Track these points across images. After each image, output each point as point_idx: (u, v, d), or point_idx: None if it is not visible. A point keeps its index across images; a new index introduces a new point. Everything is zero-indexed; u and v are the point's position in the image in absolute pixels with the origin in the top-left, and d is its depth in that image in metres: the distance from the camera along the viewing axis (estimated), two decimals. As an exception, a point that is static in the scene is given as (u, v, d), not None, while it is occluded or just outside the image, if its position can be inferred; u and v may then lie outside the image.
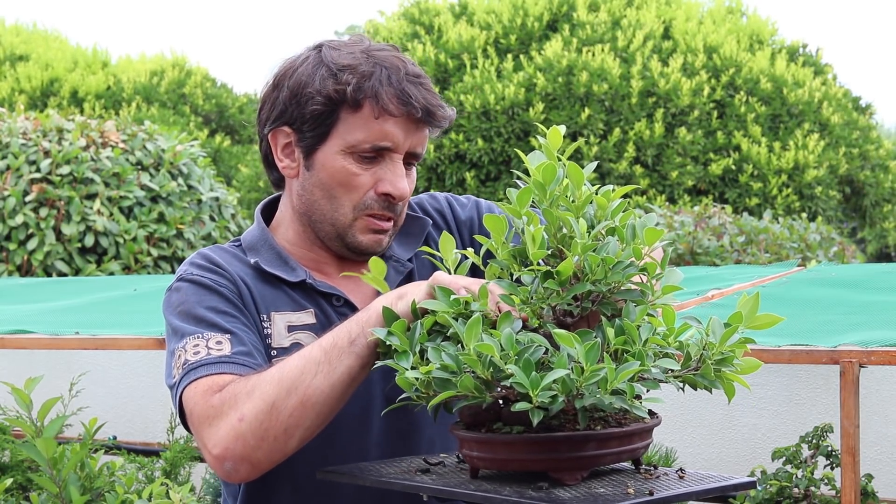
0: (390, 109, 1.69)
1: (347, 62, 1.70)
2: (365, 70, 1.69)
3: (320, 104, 1.70)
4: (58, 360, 5.72)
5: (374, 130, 1.69)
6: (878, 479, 3.81)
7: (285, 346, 1.72)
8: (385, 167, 1.72)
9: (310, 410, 1.52)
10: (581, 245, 1.33)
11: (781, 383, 4.34)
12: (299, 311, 1.75)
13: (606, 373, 1.25)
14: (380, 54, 1.72)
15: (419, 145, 1.74)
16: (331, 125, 1.71)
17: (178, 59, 20.58)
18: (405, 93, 1.69)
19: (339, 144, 1.71)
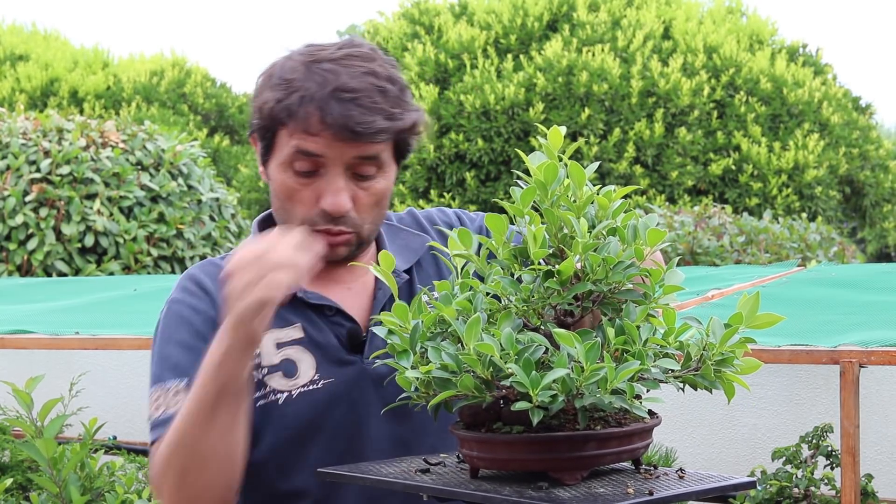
0: (308, 128, 1.67)
1: (287, 76, 1.70)
2: (295, 86, 1.68)
3: (260, 118, 1.73)
4: (58, 360, 5.72)
5: (300, 147, 1.69)
6: (878, 479, 3.81)
7: (275, 363, 1.75)
8: (322, 182, 1.71)
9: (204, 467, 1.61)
10: (582, 244, 1.33)
11: (781, 383, 4.34)
12: (286, 326, 1.77)
13: (606, 372, 1.25)
14: (324, 66, 1.69)
15: (362, 151, 1.70)
16: (272, 139, 1.73)
17: (177, 59, 20.59)
18: (324, 110, 1.66)
19: (279, 158, 1.71)
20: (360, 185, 1.73)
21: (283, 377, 1.74)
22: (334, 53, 1.70)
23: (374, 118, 1.67)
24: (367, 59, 1.71)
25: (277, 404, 1.74)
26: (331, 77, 1.67)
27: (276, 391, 1.74)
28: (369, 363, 1.75)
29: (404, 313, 1.40)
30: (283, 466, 1.76)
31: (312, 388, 1.74)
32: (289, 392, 1.74)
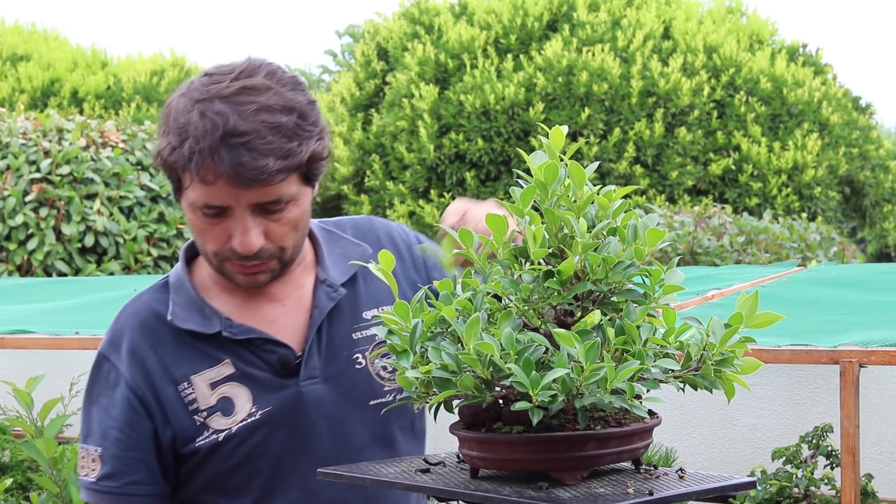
0: (204, 178, 1.64)
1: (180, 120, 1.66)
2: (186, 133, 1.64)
3: (161, 163, 1.71)
4: (58, 360, 5.72)
5: (200, 193, 1.66)
6: (878, 479, 3.81)
7: (212, 404, 1.76)
8: (231, 222, 1.69)
9: None
10: (581, 244, 1.33)
11: (781, 383, 4.34)
12: (216, 364, 1.77)
13: (606, 372, 1.25)
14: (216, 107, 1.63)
15: (265, 196, 1.66)
16: (177, 181, 1.70)
17: (177, 59, 20.58)
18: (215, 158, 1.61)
19: (187, 199, 1.70)
20: (270, 219, 1.70)
21: (222, 416, 1.76)
22: (227, 88, 1.65)
23: (266, 162, 1.62)
24: (261, 90, 1.65)
25: (218, 442, 1.76)
26: (220, 120, 1.62)
27: (217, 431, 1.76)
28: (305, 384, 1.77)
29: (405, 312, 1.40)
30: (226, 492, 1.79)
31: (251, 421, 1.76)
32: (229, 429, 1.76)
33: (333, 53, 26.91)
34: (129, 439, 1.76)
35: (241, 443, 1.76)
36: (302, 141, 1.67)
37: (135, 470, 1.76)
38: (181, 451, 1.78)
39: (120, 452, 1.76)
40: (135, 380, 1.77)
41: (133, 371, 1.77)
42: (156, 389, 1.77)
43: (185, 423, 1.76)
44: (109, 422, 1.77)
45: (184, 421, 1.76)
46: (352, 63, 18.59)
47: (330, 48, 30.77)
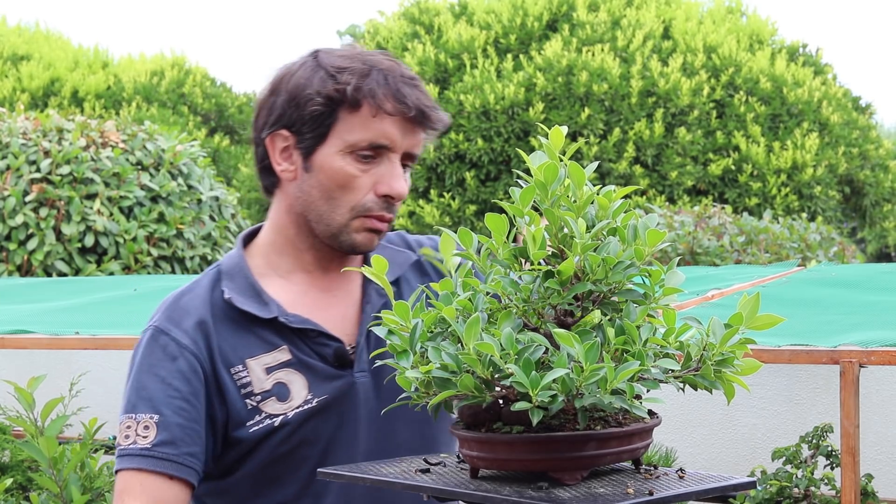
0: (387, 108, 1.70)
1: (344, 64, 1.73)
2: (362, 71, 1.72)
3: (320, 104, 1.71)
4: (58, 360, 5.72)
5: (372, 129, 1.71)
6: (878, 479, 3.81)
7: (267, 389, 1.75)
8: (383, 167, 1.74)
9: None
10: (581, 245, 1.33)
11: (781, 383, 4.35)
12: (273, 350, 1.77)
13: (606, 372, 1.25)
14: (374, 58, 1.75)
15: (416, 146, 1.76)
16: (330, 125, 1.73)
17: (177, 59, 20.59)
18: (400, 93, 1.71)
19: (338, 145, 1.72)
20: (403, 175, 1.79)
21: (277, 401, 1.75)
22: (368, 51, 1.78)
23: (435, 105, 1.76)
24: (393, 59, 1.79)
25: (273, 427, 1.75)
26: (390, 64, 1.75)
27: (272, 415, 1.75)
28: (358, 376, 1.78)
29: (405, 313, 1.40)
30: (273, 479, 1.78)
31: (307, 408, 1.76)
32: (284, 414, 1.75)
33: (333, 53, 26.85)
34: (191, 410, 1.73)
35: (296, 429, 1.75)
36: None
37: (193, 442, 1.72)
38: (231, 434, 1.76)
39: (182, 421, 1.72)
40: (198, 355, 1.76)
41: (198, 346, 1.76)
42: (215, 368, 1.76)
43: (237, 405, 1.75)
44: (170, 391, 1.73)
45: (236, 402, 1.75)
46: (352, 63, 18.55)
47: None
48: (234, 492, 1.81)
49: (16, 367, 5.68)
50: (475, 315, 1.30)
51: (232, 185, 16.87)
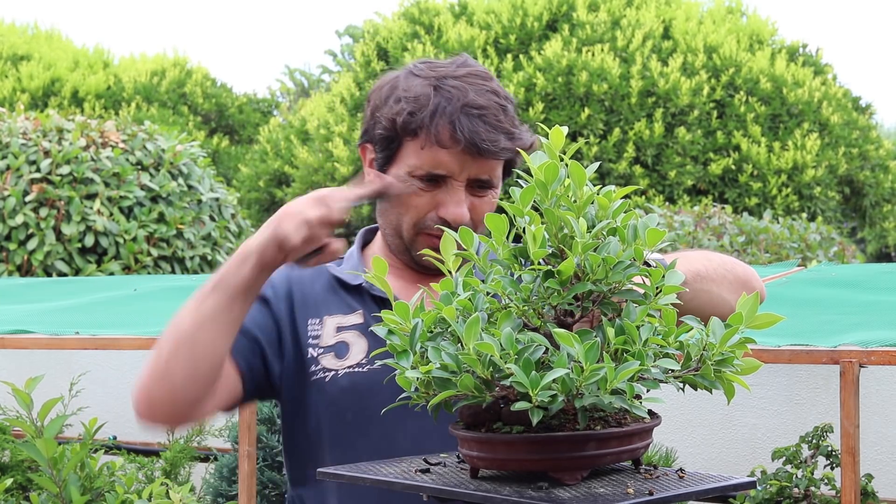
0: (439, 141, 1.76)
1: (414, 92, 1.79)
2: (424, 101, 1.78)
3: (384, 129, 1.81)
4: (58, 360, 5.72)
5: (427, 158, 1.78)
6: (878, 479, 3.81)
7: (330, 344, 1.85)
8: (445, 192, 1.80)
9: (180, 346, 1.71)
10: (581, 244, 1.33)
11: (781, 383, 4.35)
12: (349, 313, 1.87)
13: (606, 372, 1.25)
14: (451, 83, 1.79)
15: (482, 173, 1.80)
16: (395, 149, 1.82)
17: (178, 59, 20.59)
18: (454, 125, 1.75)
19: (402, 168, 1.81)
20: (475, 196, 1.82)
21: (334, 357, 1.84)
22: (457, 71, 1.81)
23: (498, 136, 1.77)
24: (487, 77, 1.82)
25: (325, 381, 1.83)
26: (458, 94, 1.77)
27: (325, 369, 1.84)
28: None
29: (405, 312, 1.40)
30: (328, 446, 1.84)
31: (357, 370, 1.82)
32: (335, 371, 1.83)
33: (333, 53, 26.91)
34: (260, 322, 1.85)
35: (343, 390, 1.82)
36: (521, 130, 1.82)
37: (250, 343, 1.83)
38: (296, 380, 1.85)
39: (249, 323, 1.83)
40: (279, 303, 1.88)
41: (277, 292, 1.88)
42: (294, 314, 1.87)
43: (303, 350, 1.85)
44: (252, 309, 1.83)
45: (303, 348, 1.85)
46: (352, 63, 18.59)
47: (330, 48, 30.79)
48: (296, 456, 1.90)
49: (16, 367, 5.68)
50: (475, 315, 1.30)
51: (232, 186, 16.89)
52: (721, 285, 1.75)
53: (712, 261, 1.77)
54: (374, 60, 15.78)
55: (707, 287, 1.71)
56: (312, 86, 26.70)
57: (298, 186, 15.44)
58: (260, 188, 16.56)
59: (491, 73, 1.84)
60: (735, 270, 1.80)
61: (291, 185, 15.82)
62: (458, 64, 1.83)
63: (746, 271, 1.83)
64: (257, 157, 17.23)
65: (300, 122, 16.96)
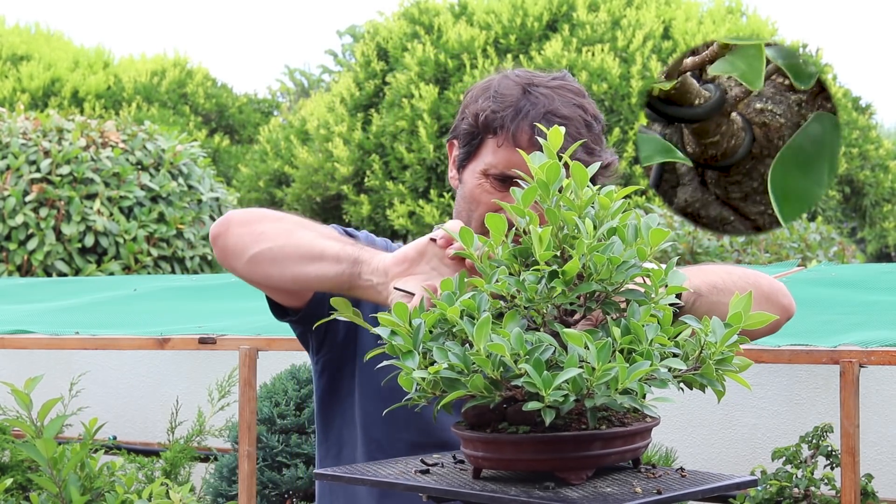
0: (517, 141, 1.78)
1: (504, 91, 1.81)
2: (511, 101, 1.80)
3: (469, 124, 1.84)
4: (58, 360, 5.72)
5: (503, 158, 1.80)
6: (878, 479, 3.81)
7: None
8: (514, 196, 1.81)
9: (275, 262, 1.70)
10: (587, 245, 1.33)
11: (781, 383, 4.35)
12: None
13: (618, 372, 1.25)
14: (540, 90, 1.80)
15: None
16: (477, 145, 1.84)
17: (179, 59, 20.59)
18: (535, 129, 1.76)
19: (479, 165, 1.83)
20: None
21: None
22: (550, 82, 1.83)
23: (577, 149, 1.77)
24: (578, 93, 1.84)
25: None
26: (545, 100, 1.79)
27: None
28: None
29: (404, 313, 1.40)
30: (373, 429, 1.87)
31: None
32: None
33: (333, 53, 26.91)
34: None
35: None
36: (602, 148, 1.82)
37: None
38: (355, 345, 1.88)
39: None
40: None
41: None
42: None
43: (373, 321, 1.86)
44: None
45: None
46: (352, 63, 18.60)
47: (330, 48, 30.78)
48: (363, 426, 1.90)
49: (16, 367, 5.68)
50: (485, 315, 1.30)
51: (232, 185, 16.88)
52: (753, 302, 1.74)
53: (732, 274, 1.76)
54: (375, 60, 15.78)
55: (725, 300, 1.70)
56: (312, 86, 26.70)
57: (298, 186, 15.45)
58: (260, 188, 16.56)
59: (585, 91, 1.85)
60: (759, 284, 1.78)
61: (291, 185, 15.83)
62: (555, 76, 1.85)
63: (773, 285, 1.82)
64: (257, 157, 17.23)
65: (300, 122, 16.96)
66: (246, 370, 3.79)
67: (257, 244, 1.70)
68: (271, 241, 1.69)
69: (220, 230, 1.74)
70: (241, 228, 1.73)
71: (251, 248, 1.70)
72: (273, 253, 1.69)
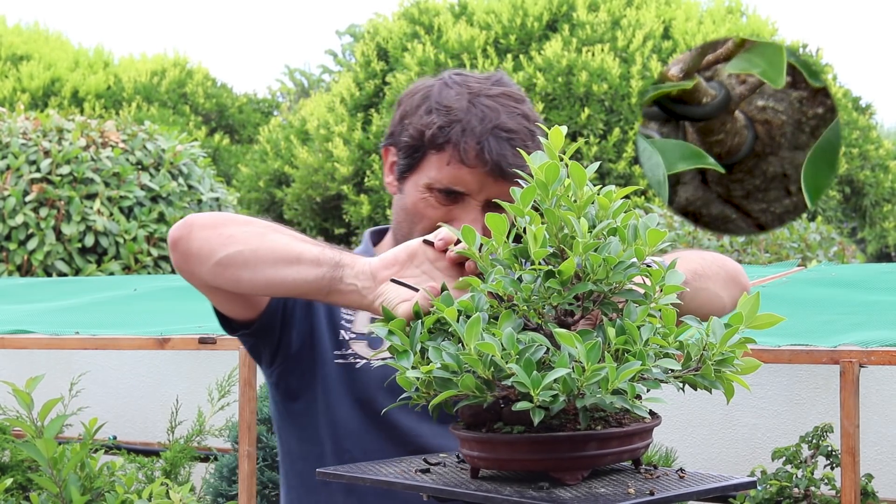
0: (465, 159, 1.76)
1: (448, 103, 1.79)
2: (455, 116, 1.77)
3: (410, 138, 1.81)
4: (58, 360, 5.72)
5: (448, 174, 1.78)
6: (878, 479, 3.81)
7: (363, 332, 1.84)
8: (460, 209, 1.80)
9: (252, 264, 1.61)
10: (583, 244, 1.33)
11: (781, 383, 4.35)
12: None
13: (608, 372, 1.25)
14: (483, 101, 1.78)
15: (502, 195, 1.76)
16: (419, 159, 1.81)
17: (179, 59, 20.60)
18: (482, 146, 1.75)
19: (422, 179, 1.80)
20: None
21: (367, 346, 1.83)
22: (491, 89, 1.81)
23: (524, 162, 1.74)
24: (519, 100, 1.84)
25: (355, 367, 1.82)
26: (491, 114, 1.77)
27: (356, 355, 1.83)
28: None
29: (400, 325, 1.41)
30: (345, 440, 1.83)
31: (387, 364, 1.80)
32: (368, 361, 1.82)
33: (333, 53, 26.91)
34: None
35: (373, 380, 1.80)
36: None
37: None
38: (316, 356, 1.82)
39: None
40: None
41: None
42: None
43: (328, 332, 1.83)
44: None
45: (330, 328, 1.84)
46: (352, 63, 18.60)
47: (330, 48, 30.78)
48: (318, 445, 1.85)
49: (16, 367, 5.68)
50: (476, 315, 1.30)
51: (232, 185, 16.88)
52: (717, 283, 1.76)
53: (706, 259, 1.77)
54: (375, 60, 15.78)
55: (705, 285, 1.71)
56: (312, 86, 26.70)
57: (298, 186, 15.45)
58: (260, 188, 16.55)
59: (524, 95, 1.85)
60: (726, 267, 1.81)
61: (291, 185, 15.83)
62: (493, 81, 1.83)
63: (735, 267, 1.85)
64: (257, 157, 17.23)
65: (300, 122, 16.96)
66: (246, 370, 3.79)
67: (226, 247, 1.62)
68: (242, 244, 1.62)
69: (182, 233, 1.65)
70: (206, 231, 1.65)
71: (219, 251, 1.62)
72: (244, 256, 1.61)
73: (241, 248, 1.61)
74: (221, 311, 1.82)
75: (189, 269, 1.67)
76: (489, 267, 1.42)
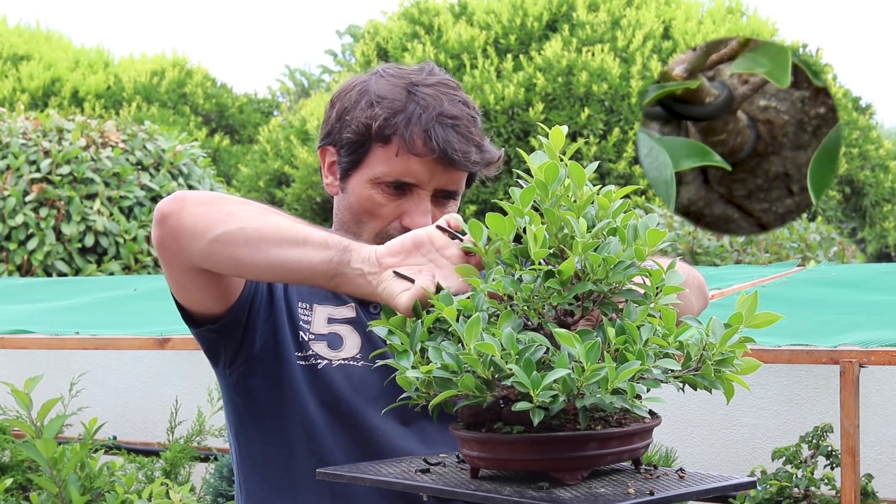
0: (412, 148, 1.74)
1: (388, 94, 1.76)
2: (398, 106, 1.75)
3: (354, 133, 1.77)
4: (58, 360, 5.72)
5: (397, 166, 1.75)
6: (878, 479, 3.81)
7: (322, 333, 1.82)
8: (410, 201, 1.78)
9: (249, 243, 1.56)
10: (582, 244, 1.33)
11: (781, 383, 4.34)
12: (340, 305, 1.84)
13: (607, 372, 1.25)
14: (423, 90, 1.76)
15: (450, 184, 1.78)
16: (363, 154, 1.78)
17: (178, 59, 20.60)
18: (429, 134, 1.73)
19: (368, 174, 1.78)
20: (438, 208, 1.80)
21: (327, 347, 1.81)
22: (427, 79, 1.78)
23: (470, 148, 1.75)
24: (456, 88, 1.81)
25: (317, 368, 1.79)
26: (433, 102, 1.75)
27: (318, 356, 1.80)
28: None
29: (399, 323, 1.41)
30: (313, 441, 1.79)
31: (352, 364, 1.80)
32: (329, 361, 1.80)
33: (333, 53, 26.91)
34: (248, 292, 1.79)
35: (335, 380, 1.79)
36: (487, 143, 1.80)
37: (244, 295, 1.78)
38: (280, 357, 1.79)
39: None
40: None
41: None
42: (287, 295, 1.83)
43: (290, 333, 1.81)
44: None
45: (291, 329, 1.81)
46: (352, 63, 18.60)
47: (330, 48, 30.78)
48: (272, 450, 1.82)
49: (16, 367, 5.68)
50: (476, 315, 1.30)
51: (232, 186, 16.88)
52: (692, 290, 1.77)
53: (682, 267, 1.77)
54: (375, 60, 15.77)
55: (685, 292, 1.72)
56: (312, 86, 26.70)
57: (298, 186, 15.45)
58: (260, 188, 16.55)
59: (458, 83, 1.83)
60: (697, 277, 1.82)
61: (291, 185, 15.83)
62: (427, 71, 1.81)
63: (702, 278, 1.87)
64: (257, 157, 17.23)
65: (300, 122, 16.96)
66: (245, 370, 3.78)
67: (226, 223, 1.56)
68: (244, 222, 1.56)
69: (173, 208, 1.59)
70: (202, 208, 1.59)
71: (217, 227, 1.56)
72: (247, 234, 1.55)
73: (244, 225, 1.56)
74: (187, 304, 1.77)
75: (178, 247, 1.60)
76: (493, 263, 1.42)
